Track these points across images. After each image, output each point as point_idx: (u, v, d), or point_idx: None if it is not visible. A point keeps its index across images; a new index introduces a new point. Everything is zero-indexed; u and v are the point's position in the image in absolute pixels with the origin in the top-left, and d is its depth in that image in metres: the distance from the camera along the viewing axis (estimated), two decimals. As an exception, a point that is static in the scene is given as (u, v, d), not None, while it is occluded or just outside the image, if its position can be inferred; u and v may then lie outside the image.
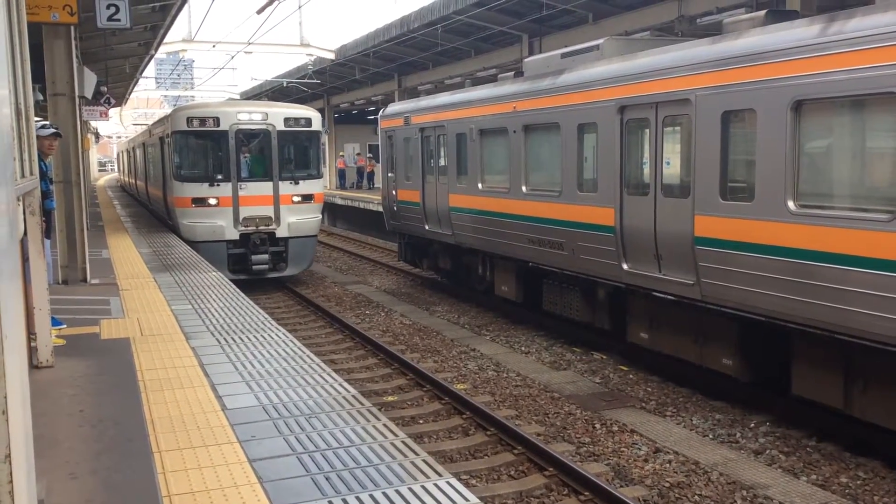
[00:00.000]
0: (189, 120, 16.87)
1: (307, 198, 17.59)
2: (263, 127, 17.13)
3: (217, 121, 16.83)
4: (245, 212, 16.92)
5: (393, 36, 26.30)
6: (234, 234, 16.89)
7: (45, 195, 8.15)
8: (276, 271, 17.49)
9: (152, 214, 24.53)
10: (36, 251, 6.58)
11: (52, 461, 4.74)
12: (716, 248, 8.47)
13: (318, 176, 18.24)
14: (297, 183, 17.40)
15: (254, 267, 17.00)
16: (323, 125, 19.16)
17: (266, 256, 17.12)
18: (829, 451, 7.80)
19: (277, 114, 17.40)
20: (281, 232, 17.23)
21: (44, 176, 8.15)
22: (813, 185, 7.63)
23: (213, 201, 16.76)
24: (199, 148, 17.46)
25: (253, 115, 17.12)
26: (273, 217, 17.14)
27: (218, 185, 16.79)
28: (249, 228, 16.94)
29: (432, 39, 24.80)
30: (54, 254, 10.88)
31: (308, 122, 17.73)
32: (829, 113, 7.42)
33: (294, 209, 17.37)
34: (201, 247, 16.17)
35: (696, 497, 6.83)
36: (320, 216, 18.24)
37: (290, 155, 17.74)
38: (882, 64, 6.57)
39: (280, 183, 17.17)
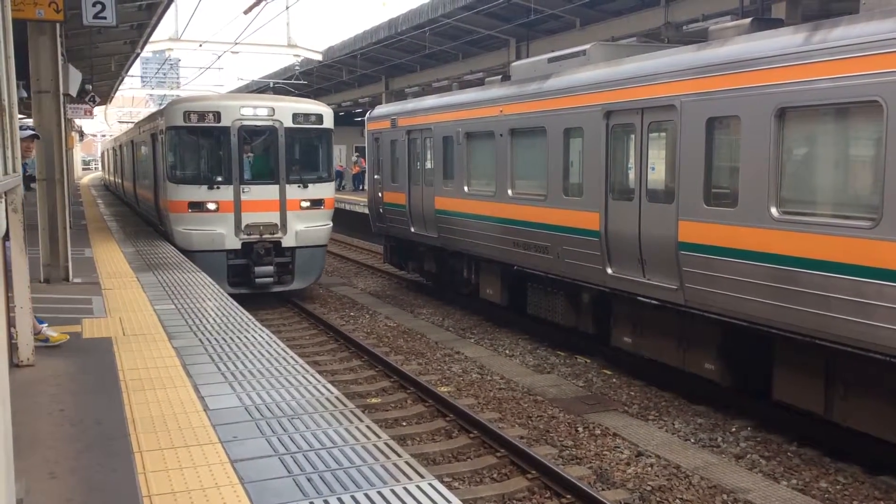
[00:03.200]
0: (186, 114, 15.05)
1: (317, 203, 15.88)
2: (269, 123, 15.44)
3: (218, 116, 15.10)
4: (248, 218, 15.21)
5: (380, 38, 26.30)
6: (235, 244, 15.19)
7: None
8: (281, 285, 15.78)
9: (141, 218, 22.94)
10: (18, 249, 6.52)
11: (31, 461, 4.70)
12: (699, 254, 8.52)
13: (329, 179, 16.45)
14: (305, 186, 15.72)
15: (257, 280, 15.29)
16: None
17: (270, 268, 15.40)
18: (809, 455, 7.86)
19: (285, 109, 15.71)
20: (287, 241, 15.56)
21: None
22: (796, 191, 7.69)
23: (212, 206, 15.05)
24: (197, 146, 15.69)
25: (258, 110, 15.43)
26: (279, 224, 15.45)
27: (218, 187, 15.08)
28: (252, 237, 15.25)
29: (420, 42, 24.82)
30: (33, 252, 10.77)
31: (319, 118, 15.99)
32: (813, 120, 7.48)
33: (302, 216, 15.69)
34: (198, 257, 14.53)
35: (677, 501, 6.86)
36: (331, 224, 16.42)
37: (299, 155, 16.00)
38: (866, 72, 6.64)
39: (287, 186, 15.52)
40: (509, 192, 12.44)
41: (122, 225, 20.90)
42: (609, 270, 10.07)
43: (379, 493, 4.25)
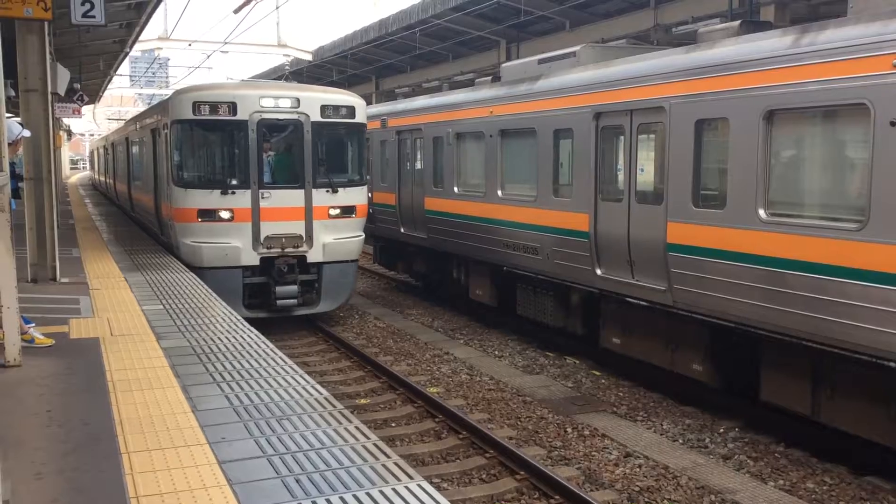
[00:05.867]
0: (196, 106, 12.74)
1: (348, 211, 13.58)
2: (294, 117, 13.18)
3: (233, 107, 12.79)
4: (268, 229, 12.95)
5: (371, 38, 26.28)
6: (252, 259, 12.92)
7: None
8: (306, 307, 13.49)
9: (136, 224, 20.44)
10: (5, 248, 6.48)
11: (17, 461, 4.67)
12: (688, 255, 8.55)
13: (362, 182, 14.00)
14: (335, 191, 13.38)
15: (278, 301, 13.03)
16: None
17: (294, 288, 13.11)
18: (796, 456, 7.90)
19: (312, 99, 13.40)
20: (314, 256, 13.27)
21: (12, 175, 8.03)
22: (784, 193, 7.73)
23: (225, 214, 12.77)
24: (209, 143, 13.51)
25: (280, 101, 13.11)
26: (304, 236, 13.18)
27: (233, 193, 12.78)
28: (273, 251, 12.99)
29: (410, 42, 24.81)
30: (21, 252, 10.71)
31: (351, 111, 13.67)
32: (801, 123, 7.52)
33: (331, 226, 13.39)
34: (209, 274, 12.42)
35: (665, 501, 6.88)
36: (363, 235, 14.15)
37: (328, 154, 13.63)
38: (854, 75, 6.68)
39: (314, 191, 13.25)
40: (499, 192, 12.45)
41: (110, 225, 20.77)
42: (598, 271, 10.09)
43: (367, 494, 4.24)
